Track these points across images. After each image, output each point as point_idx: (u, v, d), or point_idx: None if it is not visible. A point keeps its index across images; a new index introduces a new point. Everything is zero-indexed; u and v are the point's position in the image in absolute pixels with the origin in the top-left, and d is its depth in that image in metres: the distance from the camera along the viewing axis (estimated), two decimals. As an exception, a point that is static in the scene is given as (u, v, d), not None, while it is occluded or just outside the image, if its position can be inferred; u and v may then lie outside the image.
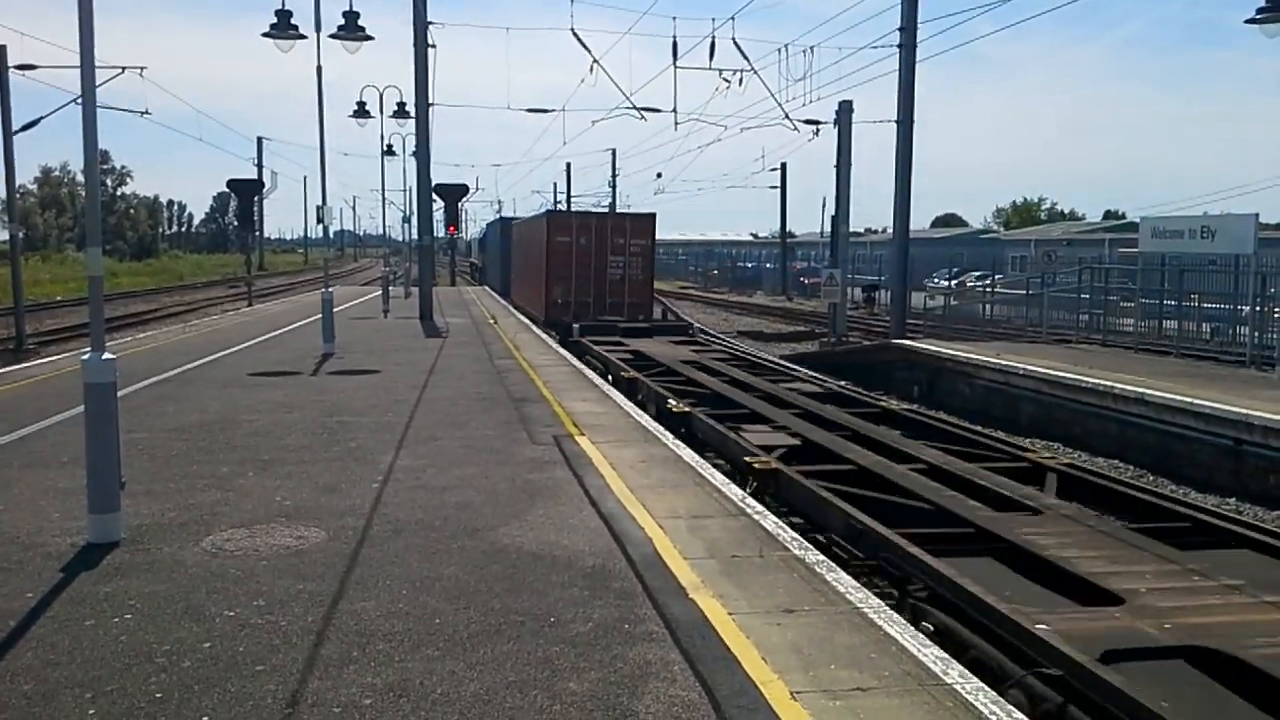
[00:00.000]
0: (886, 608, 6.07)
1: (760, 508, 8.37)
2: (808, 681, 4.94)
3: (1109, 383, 16.38)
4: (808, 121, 32.27)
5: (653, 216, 33.11)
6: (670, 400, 15.78)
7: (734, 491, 8.88)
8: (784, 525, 7.92)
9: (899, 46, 26.84)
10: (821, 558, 7.03)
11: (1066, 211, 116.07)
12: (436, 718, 4.55)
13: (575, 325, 28.08)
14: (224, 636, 5.43)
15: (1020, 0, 25.19)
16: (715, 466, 10.47)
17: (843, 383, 18.87)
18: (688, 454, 10.53)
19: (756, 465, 11.20)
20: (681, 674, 5.02)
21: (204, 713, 4.56)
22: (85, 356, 7.08)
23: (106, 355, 7.04)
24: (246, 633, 5.48)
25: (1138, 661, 6.19)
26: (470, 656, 5.20)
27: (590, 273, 31.39)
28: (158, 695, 4.73)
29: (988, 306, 36.22)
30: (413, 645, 5.35)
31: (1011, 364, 19.06)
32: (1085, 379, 16.90)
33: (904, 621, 5.88)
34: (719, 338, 31.66)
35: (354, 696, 4.73)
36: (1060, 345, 23.85)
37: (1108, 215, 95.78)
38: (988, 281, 43.46)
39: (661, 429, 12.08)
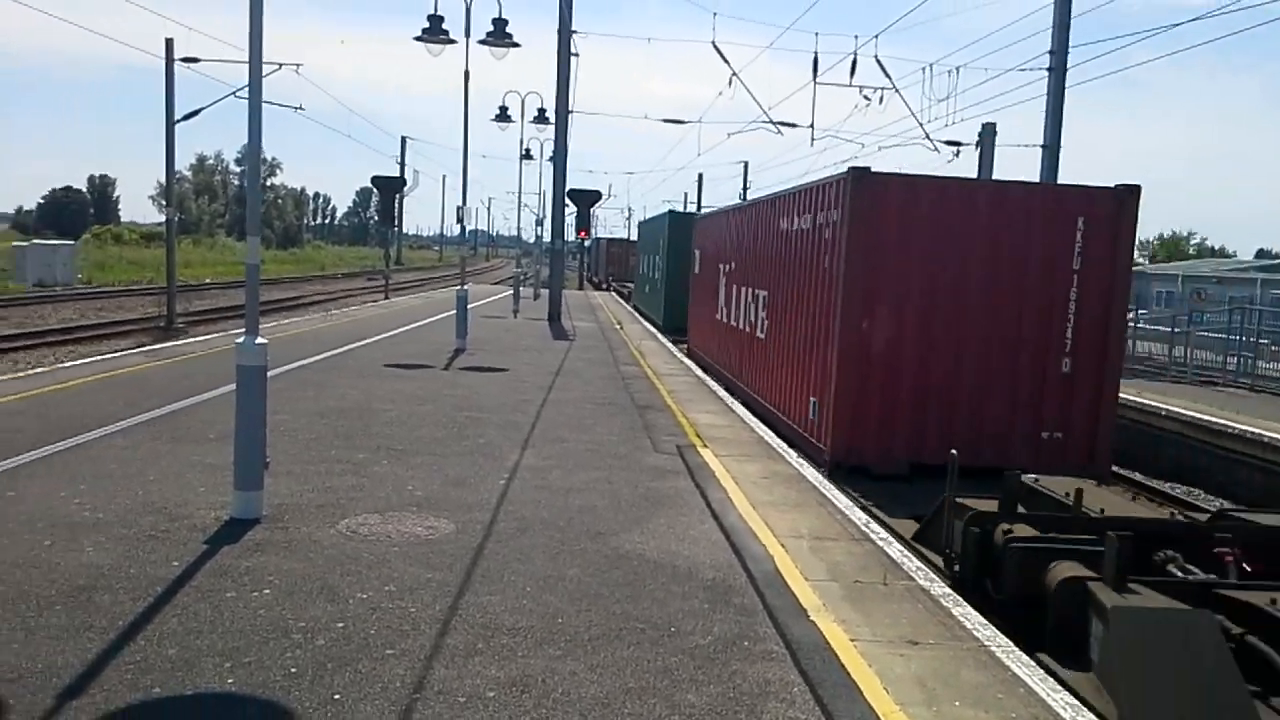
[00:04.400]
0: (1015, 647, 5.89)
1: (885, 534, 8.23)
2: (931, 716, 4.84)
3: (1257, 430, 15.59)
4: (949, 143, 31.59)
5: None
6: None
7: (857, 515, 8.75)
8: (909, 554, 7.76)
9: (1049, 70, 26.12)
10: (948, 590, 6.87)
11: (1217, 248, 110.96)
12: (557, 717, 4.61)
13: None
14: (356, 618, 5.60)
15: (1180, 29, 24.19)
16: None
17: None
18: (811, 473, 10.42)
19: None
20: (801, 697, 4.97)
21: (335, 691, 4.71)
22: (239, 340, 7.41)
23: (259, 339, 7.36)
24: (377, 616, 5.65)
25: None
26: (591, 659, 5.25)
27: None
28: (293, 670, 4.91)
29: (1129, 342, 34.86)
30: (535, 642, 5.43)
31: (1154, 404, 18.31)
32: (1234, 425, 16.12)
33: (1032, 663, 5.69)
34: None
35: (478, 688, 4.83)
36: (1205, 387, 22.79)
37: (1260, 254, 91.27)
38: (1130, 316, 41.79)
39: (784, 445, 11.98)
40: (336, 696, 4.66)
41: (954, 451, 8.36)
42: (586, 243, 55.84)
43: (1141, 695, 5.94)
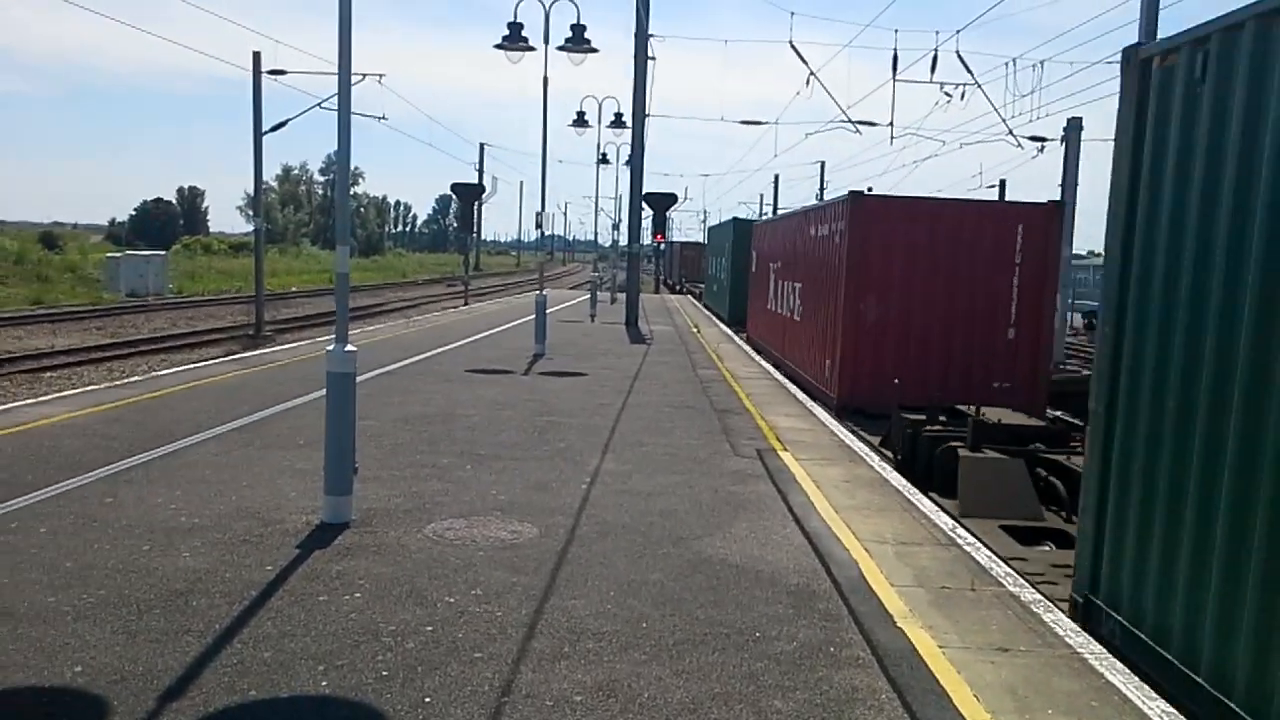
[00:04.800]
0: (1109, 654, 5.75)
1: (972, 539, 8.10)
2: (1023, 725, 4.75)
3: None
4: (1032, 138, 31.10)
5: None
6: None
7: (943, 520, 8.62)
8: (998, 559, 7.63)
9: (1137, 61, 25.43)
10: (1039, 596, 6.73)
11: None
12: (643, 722, 4.63)
13: None
14: (445, 622, 5.69)
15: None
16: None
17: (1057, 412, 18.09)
18: (895, 478, 10.30)
19: None
20: (889, 704, 4.92)
21: (426, 694, 4.79)
22: (330, 347, 7.59)
23: (349, 347, 7.52)
24: (465, 620, 5.73)
25: None
26: (677, 664, 5.26)
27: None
28: (384, 673, 5.00)
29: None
30: (621, 647, 5.45)
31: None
32: None
33: (1127, 670, 5.55)
34: None
35: (565, 692, 4.87)
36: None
37: None
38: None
39: (868, 450, 11.87)
40: (427, 700, 4.74)
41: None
42: (661, 246, 56.09)
43: (972, 499, 10.23)
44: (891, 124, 31.20)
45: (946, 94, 28.71)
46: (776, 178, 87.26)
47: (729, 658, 5.37)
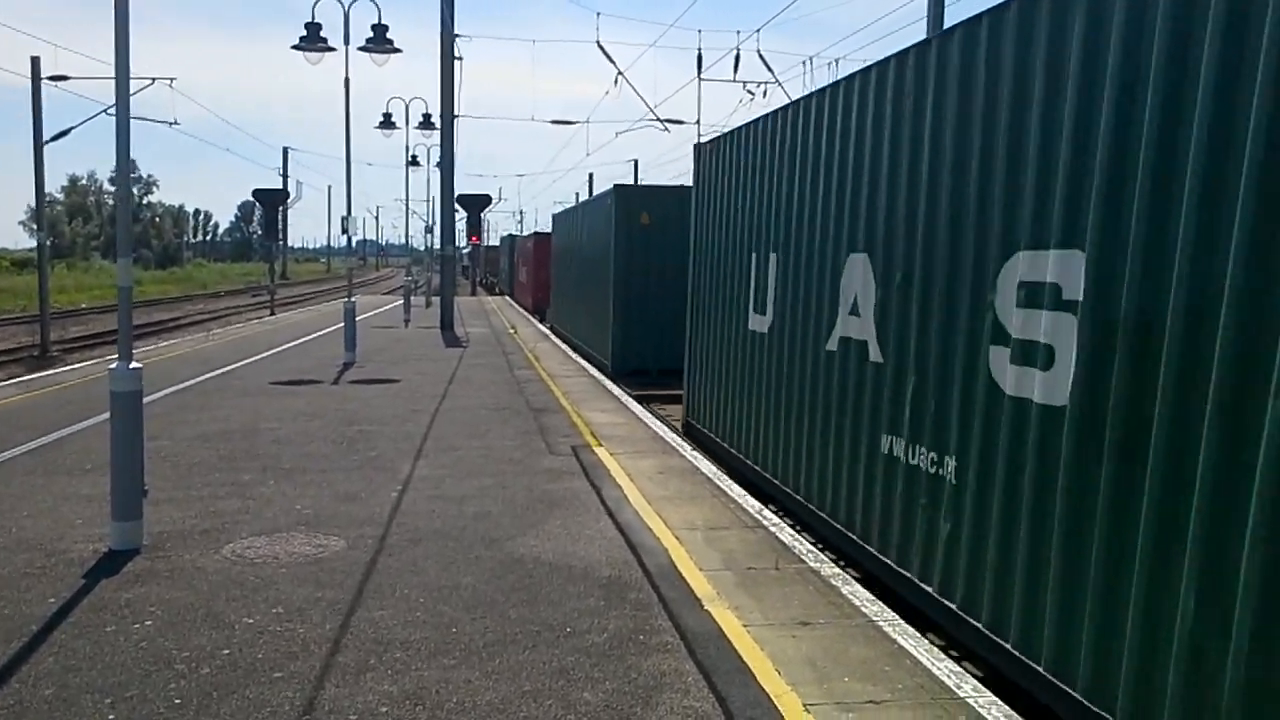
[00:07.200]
0: (901, 620, 6.06)
1: (777, 519, 8.38)
2: (822, 694, 4.95)
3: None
4: (829, 133, 32.26)
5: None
6: None
7: (751, 503, 8.89)
8: (801, 537, 7.92)
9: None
10: (838, 570, 7.03)
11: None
12: (451, 726, 4.59)
13: None
14: (243, 644, 5.48)
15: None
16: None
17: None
18: (706, 466, 10.54)
19: None
20: (695, 685, 5.04)
21: (222, 719, 4.61)
22: (112, 365, 7.18)
23: (133, 364, 7.14)
24: (265, 640, 5.54)
25: None
26: (486, 666, 5.23)
27: None
28: (176, 701, 4.78)
29: None
30: (429, 653, 5.39)
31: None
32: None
33: (918, 635, 5.87)
34: None
35: (370, 704, 4.77)
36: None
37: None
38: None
39: (679, 440, 12.10)
40: (223, 724, 4.56)
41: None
42: (466, 249, 56.08)
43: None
44: (699, 122, 32.13)
45: (749, 92, 29.59)
46: (591, 176, 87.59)
47: (540, 655, 5.39)
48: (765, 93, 29.38)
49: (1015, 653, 5.65)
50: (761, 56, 28.91)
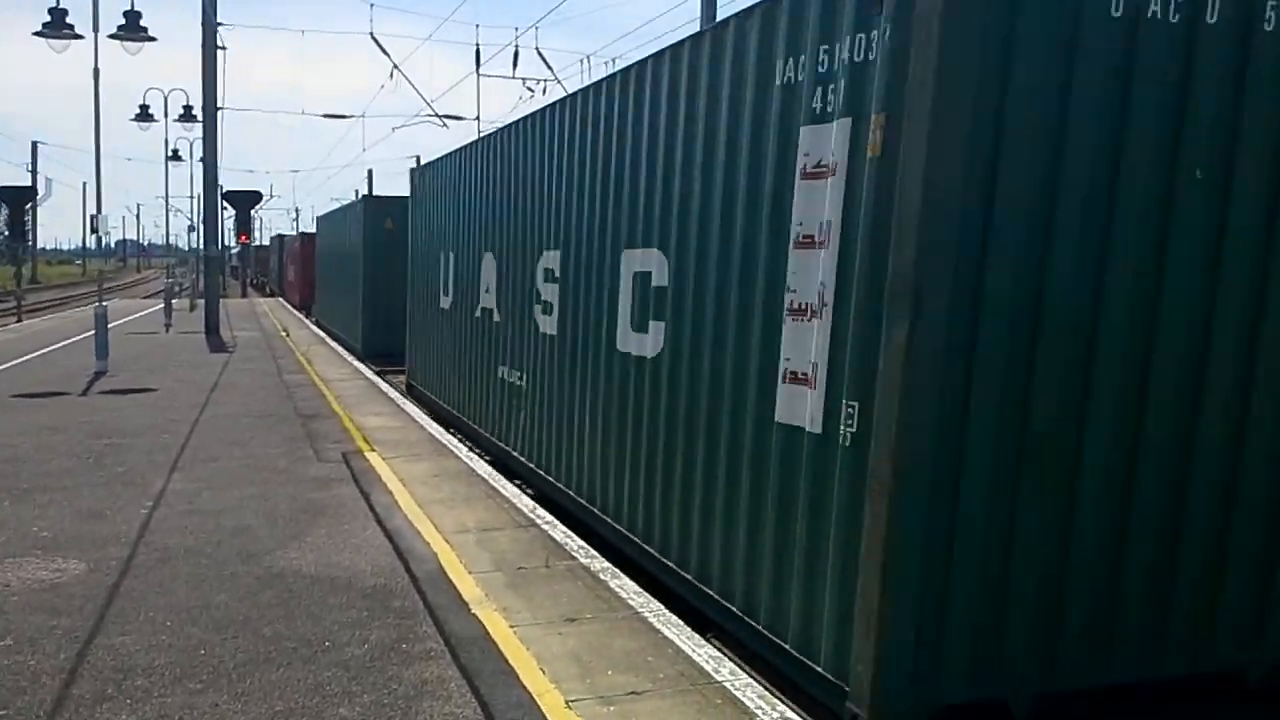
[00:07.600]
0: (666, 610, 6.19)
1: (550, 517, 8.40)
2: (584, 689, 4.99)
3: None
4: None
5: None
6: None
7: (525, 502, 8.87)
8: (573, 534, 7.96)
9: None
10: (607, 565, 7.11)
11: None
12: (195, 755, 4.35)
13: None
14: (-41, 683, 5.02)
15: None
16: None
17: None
18: (482, 467, 10.45)
19: None
20: (458, 691, 4.98)
21: (-70, 769, 4.20)
22: None
23: None
24: (-14, 677, 5.09)
25: None
26: (236, 688, 4.99)
27: None
28: (-124, 753, 4.33)
29: None
30: (174, 679, 5.09)
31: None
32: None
33: (680, 623, 6.01)
34: None
35: (104, 738, 4.46)
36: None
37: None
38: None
39: (456, 442, 11.95)
40: (-69, 775, 4.16)
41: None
42: (235, 248, 54.05)
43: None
44: (478, 118, 31.67)
45: (529, 88, 29.62)
46: (370, 172, 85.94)
47: (294, 673, 5.18)
48: (545, 89, 29.49)
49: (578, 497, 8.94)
50: (540, 53, 28.81)
